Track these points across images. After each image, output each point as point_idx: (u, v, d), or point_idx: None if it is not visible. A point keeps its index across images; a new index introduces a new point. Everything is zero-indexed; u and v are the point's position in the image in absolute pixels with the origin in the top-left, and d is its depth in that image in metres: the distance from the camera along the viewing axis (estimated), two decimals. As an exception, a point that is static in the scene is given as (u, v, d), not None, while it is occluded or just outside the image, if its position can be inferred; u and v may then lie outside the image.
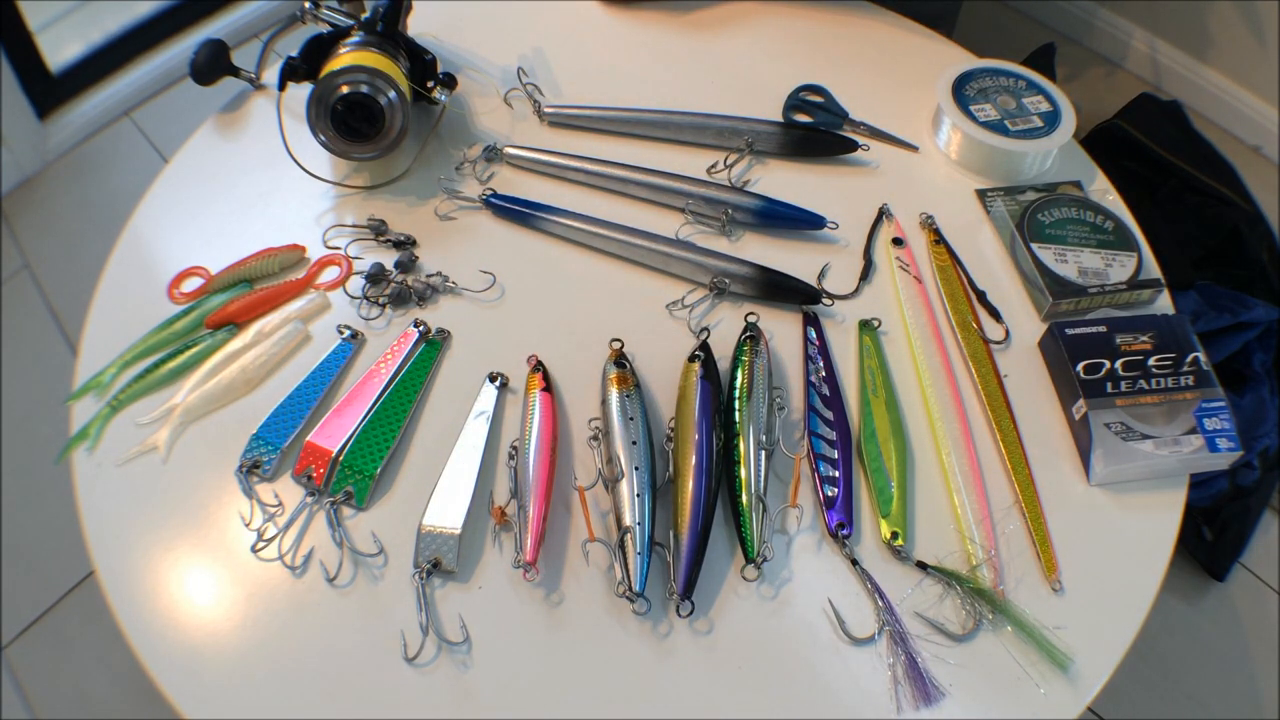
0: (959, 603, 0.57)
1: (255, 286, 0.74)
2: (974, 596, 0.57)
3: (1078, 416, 0.63)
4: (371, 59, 0.74)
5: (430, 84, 0.79)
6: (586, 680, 0.56)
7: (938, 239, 0.75)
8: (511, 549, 0.60)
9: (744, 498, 0.59)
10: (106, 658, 1.33)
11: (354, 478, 0.63)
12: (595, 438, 0.63)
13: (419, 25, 0.95)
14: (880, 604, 0.57)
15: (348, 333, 0.70)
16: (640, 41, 0.91)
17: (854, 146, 0.80)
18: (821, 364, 0.67)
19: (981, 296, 0.72)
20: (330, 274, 0.75)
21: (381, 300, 0.73)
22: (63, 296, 1.74)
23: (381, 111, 0.74)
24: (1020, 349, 0.69)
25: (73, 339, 1.67)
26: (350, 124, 0.74)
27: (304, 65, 0.78)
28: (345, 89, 0.73)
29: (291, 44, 0.82)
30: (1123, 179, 0.82)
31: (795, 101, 0.84)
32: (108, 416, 0.67)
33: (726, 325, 0.70)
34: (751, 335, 0.67)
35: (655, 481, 0.60)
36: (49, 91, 1.95)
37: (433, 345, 0.70)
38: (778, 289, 0.71)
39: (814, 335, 0.69)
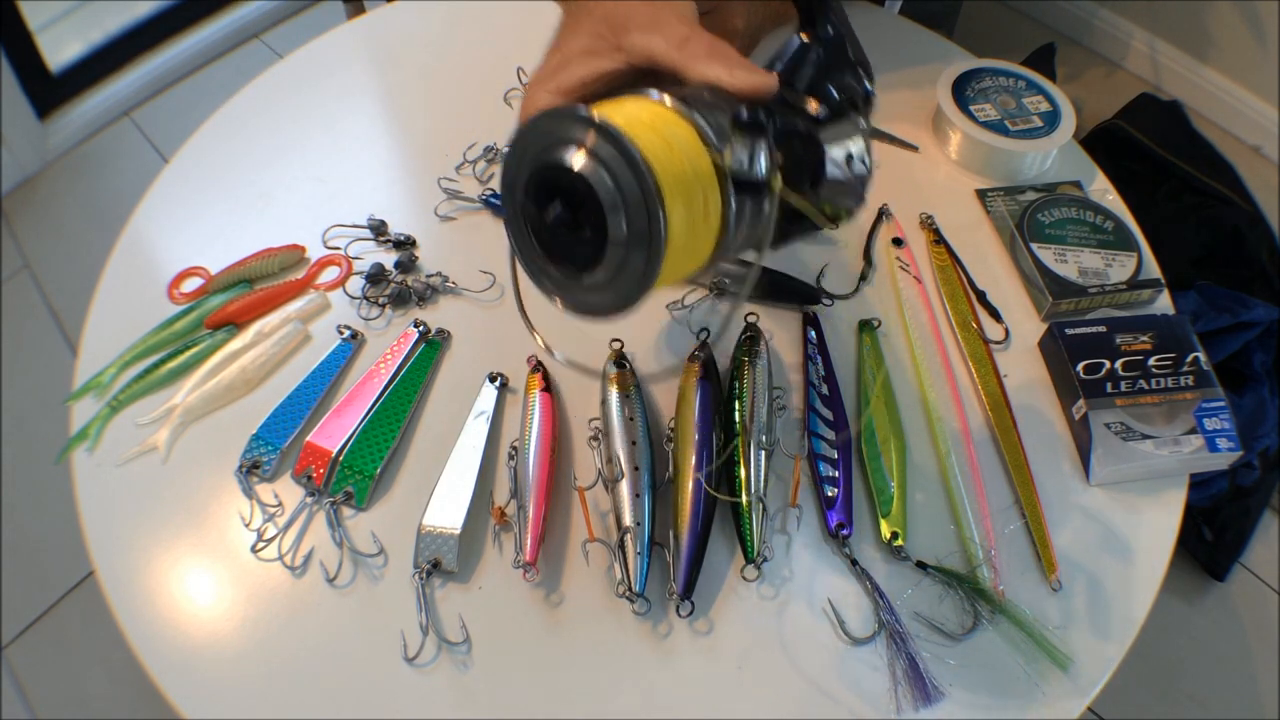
0: (959, 603, 0.57)
1: (255, 287, 0.74)
2: (974, 596, 0.57)
3: (1078, 416, 0.63)
4: (647, 109, 0.43)
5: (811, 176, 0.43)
6: (586, 680, 0.56)
7: (937, 239, 0.75)
8: (511, 549, 0.60)
9: (744, 498, 0.59)
10: (106, 658, 1.33)
11: (354, 478, 0.63)
12: (595, 438, 0.63)
13: (419, 25, 0.95)
14: (880, 604, 0.57)
15: (348, 333, 0.70)
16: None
17: (854, 146, 0.80)
18: (821, 364, 0.67)
19: (981, 296, 0.72)
20: (330, 274, 0.75)
21: (381, 300, 0.72)
22: (63, 296, 1.74)
23: (592, 198, 0.39)
24: (1020, 349, 0.69)
25: (73, 339, 1.67)
26: (559, 223, 0.42)
27: None
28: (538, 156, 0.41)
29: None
30: (1123, 179, 0.82)
31: (795, 101, 0.84)
32: (108, 416, 0.67)
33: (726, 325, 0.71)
34: (751, 335, 0.67)
35: (655, 481, 0.60)
36: (49, 91, 1.95)
37: (433, 345, 0.70)
38: (778, 289, 0.71)
39: (814, 335, 0.69)
